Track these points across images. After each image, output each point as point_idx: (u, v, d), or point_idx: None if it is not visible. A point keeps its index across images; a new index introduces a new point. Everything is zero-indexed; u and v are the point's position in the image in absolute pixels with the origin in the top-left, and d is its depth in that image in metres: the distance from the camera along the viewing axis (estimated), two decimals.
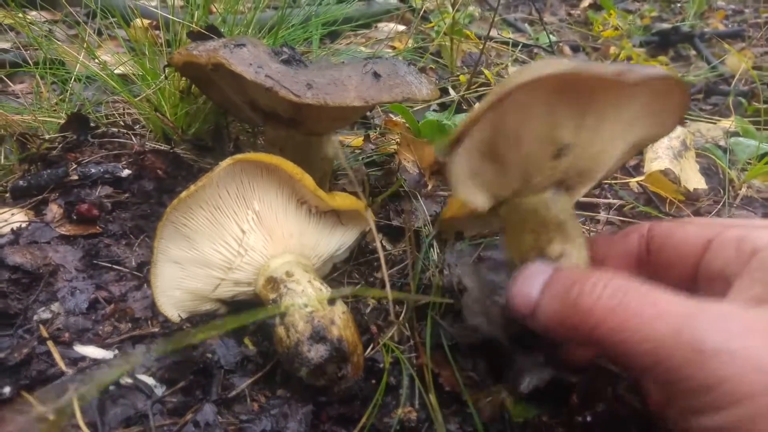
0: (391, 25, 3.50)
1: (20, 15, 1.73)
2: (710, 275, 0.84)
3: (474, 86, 2.61)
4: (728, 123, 2.49)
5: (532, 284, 0.85)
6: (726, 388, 0.64)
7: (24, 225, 1.33)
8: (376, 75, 1.22)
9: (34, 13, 2.02)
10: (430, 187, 1.71)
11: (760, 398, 0.62)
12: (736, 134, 2.36)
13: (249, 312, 0.83)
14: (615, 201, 1.93)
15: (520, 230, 0.94)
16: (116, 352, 1.11)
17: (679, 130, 2.20)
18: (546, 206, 0.93)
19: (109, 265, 1.29)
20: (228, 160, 1.12)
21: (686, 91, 0.86)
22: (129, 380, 1.04)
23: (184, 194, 1.12)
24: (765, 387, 0.62)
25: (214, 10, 1.90)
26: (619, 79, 0.74)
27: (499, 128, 0.84)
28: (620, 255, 0.98)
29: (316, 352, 1.00)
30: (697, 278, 0.87)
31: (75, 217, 1.36)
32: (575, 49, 4.01)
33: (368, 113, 2.16)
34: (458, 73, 2.87)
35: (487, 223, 1.22)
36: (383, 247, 1.38)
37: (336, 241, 1.29)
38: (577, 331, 0.77)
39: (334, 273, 1.38)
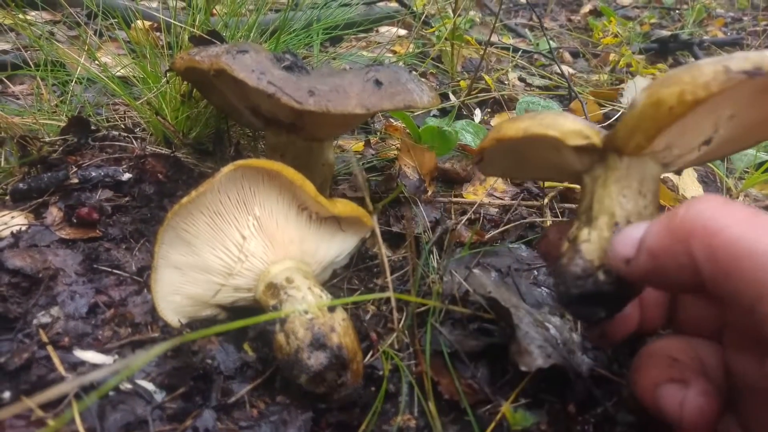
0: (393, 29, 3.51)
1: (20, 16, 1.73)
2: None
3: (474, 92, 2.62)
4: None
5: (636, 230, 0.80)
6: None
7: (24, 228, 1.33)
8: (378, 82, 1.23)
9: (34, 13, 2.02)
10: (430, 193, 1.71)
11: None
12: None
13: (249, 318, 0.83)
14: None
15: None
16: (116, 357, 1.11)
17: None
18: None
19: (109, 270, 1.28)
20: (229, 166, 1.13)
21: None
22: (128, 386, 1.04)
23: (185, 199, 1.12)
24: None
25: (216, 13, 1.90)
26: None
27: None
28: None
29: (316, 359, 1.00)
30: None
31: (75, 221, 1.36)
32: (575, 55, 4.02)
33: (369, 118, 2.16)
34: (459, 79, 2.88)
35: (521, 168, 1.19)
36: (381, 253, 1.38)
37: (336, 247, 1.29)
38: (681, 250, 0.71)
39: (334, 279, 1.38)
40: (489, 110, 2.70)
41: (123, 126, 1.75)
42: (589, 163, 0.91)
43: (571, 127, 0.88)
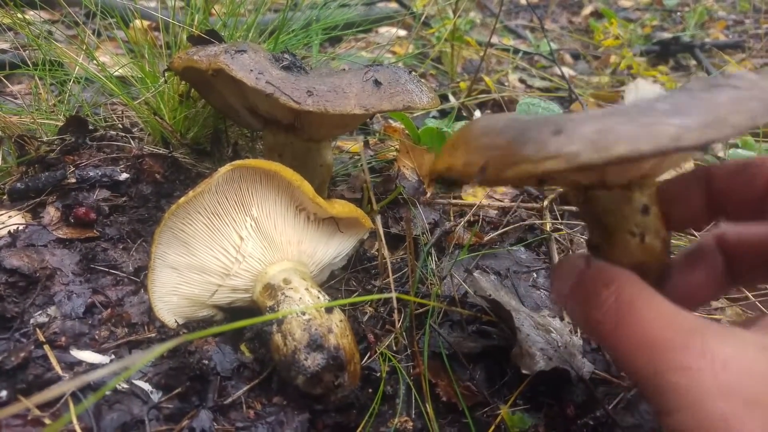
0: (392, 29, 3.51)
1: (19, 15, 1.73)
2: None
3: (474, 93, 2.62)
4: None
5: (564, 283, 0.84)
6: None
7: (21, 228, 1.33)
8: (377, 83, 1.22)
9: (32, 12, 2.01)
10: (429, 194, 1.71)
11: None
12: (735, 146, 2.35)
13: (246, 319, 0.83)
14: None
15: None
16: (112, 357, 1.10)
17: None
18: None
19: (106, 270, 1.28)
20: (227, 167, 1.12)
21: None
22: (125, 386, 1.03)
23: (182, 200, 1.12)
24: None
25: (215, 13, 1.89)
26: None
27: None
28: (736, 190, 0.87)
29: (313, 361, 1.00)
30: None
31: (72, 221, 1.36)
32: (576, 57, 4.01)
33: (368, 119, 2.15)
34: (458, 80, 2.88)
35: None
36: (382, 253, 1.38)
37: (334, 248, 1.29)
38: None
39: (332, 280, 1.38)
40: (489, 111, 2.70)
41: (121, 126, 1.75)
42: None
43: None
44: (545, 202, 1.74)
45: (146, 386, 1.05)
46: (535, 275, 1.46)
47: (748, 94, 0.64)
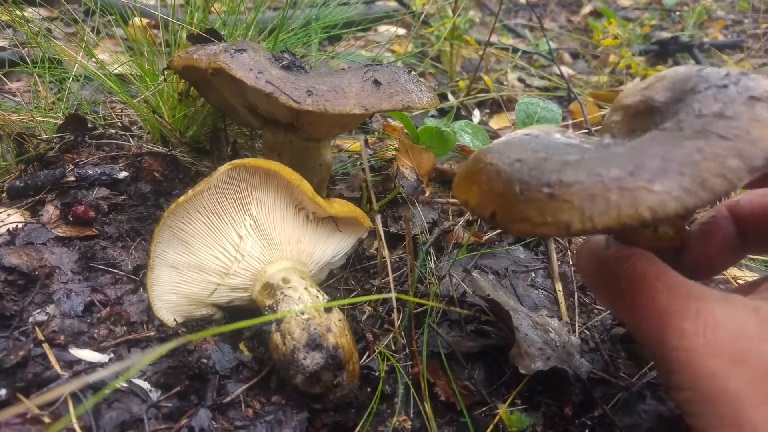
0: (392, 28, 3.51)
1: (18, 12, 1.72)
2: None
3: (473, 92, 2.62)
4: None
5: (587, 262, 0.92)
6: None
7: (20, 226, 1.33)
8: (377, 82, 1.22)
9: (31, 9, 2.01)
10: (428, 194, 1.71)
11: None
12: None
13: (245, 318, 0.83)
14: None
15: None
16: (111, 355, 1.10)
17: None
18: None
19: (105, 268, 1.28)
20: (226, 166, 1.12)
21: None
22: (124, 384, 1.04)
23: (181, 199, 1.12)
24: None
25: (214, 11, 1.89)
26: None
27: None
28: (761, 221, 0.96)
29: (312, 360, 1.00)
30: None
31: (71, 219, 1.36)
32: (575, 56, 4.02)
33: (367, 118, 2.16)
34: (457, 79, 2.88)
35: None
36: (381, 253, 1.38)
37: (333, 247, 1.29)
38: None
39: (330, 279, 1.38)
40: (488, 111, 2.70)
41: (120, 124, 1.75)
42: None
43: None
44: None
45: (145, 385, 1.05)
46: (534, 275, 1.46)
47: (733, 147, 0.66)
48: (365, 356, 1.15)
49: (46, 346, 1.08)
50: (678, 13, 5.38)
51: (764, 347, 0.69)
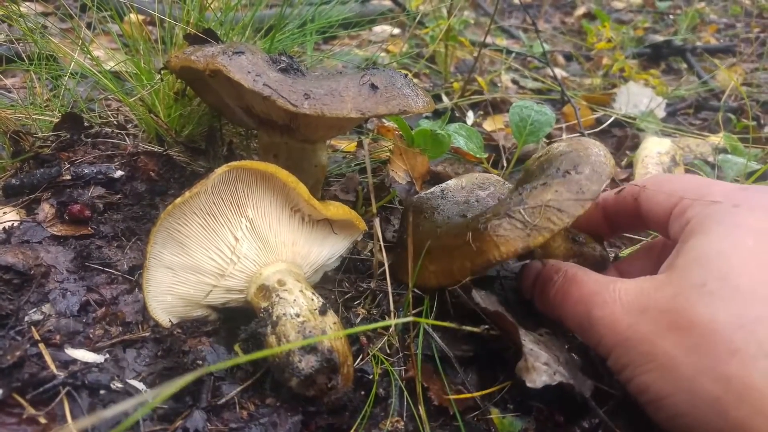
0: (387, 28, 3.51)
1: (13, 7, 1.72)
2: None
3: (467, 94, 2.63)
4: (717, 139, 2.51)
5: (528, 278, 1.22)
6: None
7: (16, 224, 1.33)
8: (373, 87, 1.23)
9: (26, 5, 2.00)
10: None
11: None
12: (724, 151, 2.38)
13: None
14: None
15: None
16: (107, 356, 1.11)
17: (668, 145, 2.22)
18: None
19: (101, 268, 1.28)
20: (223, 167, 1.13)
21: None
22: (120, 385, 1.04)
23: (178, 200, 1.12)
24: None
25: (211, 10, 1.89)
26: None
27: None
28: (619, 211, 1.25)
29: (307, 363, 1.01)
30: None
31: (67, 218, 1.36)
32: (568, 58, 4.03)
33: (363, 121, 2.16)
34: (452, 80, 2.89)
35: None
36: (375, 255, 1.39)
37: (328, 250, 1.30)
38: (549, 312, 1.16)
39: (325, 281, 1.38)
40: (481, 112, 2.71)
41: (116, 123, 1.75)
42: None
43: None
44: None
45: (140, 385, 1.06)
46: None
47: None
48: (359, 359, 1.16)
49: (41, 345, 1.08)
50: (671, 16, 5.40)
51: (658, 295, 0.93)
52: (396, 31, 3.62)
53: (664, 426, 0.95)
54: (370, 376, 1.12)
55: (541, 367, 1.05)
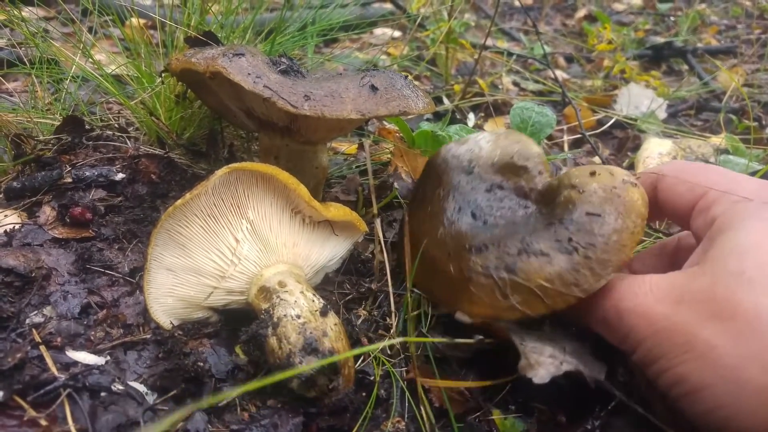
0: (387, 30, 3.51)
1: (15, 12, 1.72)
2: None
3: (468, 96, 2.63)
4: (718, 140, 2.51)
5: None
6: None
7: (17, 227, 1.33)
8: (374, 88, 1.23)
9: (28, 9, 2.01)
10: None
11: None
12: (726, 152, 2.37)
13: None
14: None
15: None
16: (108, 358, 1.11)
17: (669, 147, 2.22)
18: None
19: (102, 270, 1.29)
20: (224, 169, 1.13)
21: None
22: (120, 387, 1.04)
23: (179, 202, 1.12)
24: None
25: (212, 12, 1.89)
26: None
27: None
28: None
29: (308, 364, 1.01)
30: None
31: (68, 220, 1.36)
32: (569, 60, 4.03)
33: (364, 123, 2.16)
34: (453, 82, 2.89)
35: None
36: (375, 256, 1.39)
37: (329, 251, 1.30)
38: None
39: (326, 283, 1.38)
40: (482, 114, 2.71)
41: (117, 125, 1.75)
42: None
43: None
44: None
45: (141, 388, 1.06)
46: None
47: None
48: (360, 360, 1.16)
49: (42, 348, 1.08)
50: (672, 18, 5.40)
51: (694, 285, 0.90)
52: (397, 33, 3.62)
53: (700, 420, 0.91)
54: (372, 378, 1.12)
55: (546, 360, 1.03)
